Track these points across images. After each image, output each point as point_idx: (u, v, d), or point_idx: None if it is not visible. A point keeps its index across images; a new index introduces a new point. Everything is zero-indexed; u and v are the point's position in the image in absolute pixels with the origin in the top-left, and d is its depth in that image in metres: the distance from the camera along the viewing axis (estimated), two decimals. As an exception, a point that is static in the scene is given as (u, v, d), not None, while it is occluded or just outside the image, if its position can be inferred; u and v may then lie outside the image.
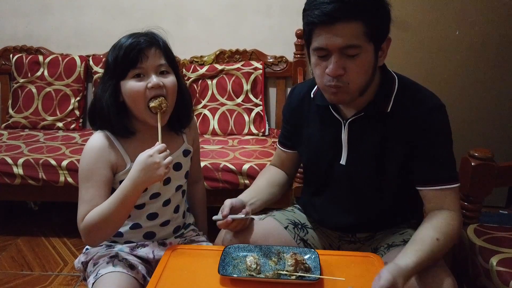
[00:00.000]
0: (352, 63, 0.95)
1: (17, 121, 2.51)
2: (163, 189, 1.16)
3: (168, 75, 1.08)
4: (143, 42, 1.04)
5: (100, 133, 1.11)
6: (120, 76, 1.05)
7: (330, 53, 0.95)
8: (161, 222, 1.19)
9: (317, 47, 0.96)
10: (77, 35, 2.64)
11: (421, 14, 2.33)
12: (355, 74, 0.96)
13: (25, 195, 2.15)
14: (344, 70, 0.95)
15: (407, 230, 1.17)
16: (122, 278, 1.06)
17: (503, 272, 1.09)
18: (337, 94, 1.00)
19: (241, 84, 2.47)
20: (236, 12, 2.56)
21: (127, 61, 1.03)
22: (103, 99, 1.06)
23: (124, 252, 1.15)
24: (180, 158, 1.19)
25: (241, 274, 0.97)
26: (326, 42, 0.93)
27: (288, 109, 1.26)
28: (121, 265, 1.09)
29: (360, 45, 0.93)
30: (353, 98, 1.02)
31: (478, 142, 2.38)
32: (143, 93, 1.04)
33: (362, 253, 1.10)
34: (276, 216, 1.23)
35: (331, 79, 0.97)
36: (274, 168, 1.34)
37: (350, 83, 0.97)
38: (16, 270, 1.93)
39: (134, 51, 1.02)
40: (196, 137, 1.29)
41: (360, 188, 1.14)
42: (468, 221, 1.33)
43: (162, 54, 1.07)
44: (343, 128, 1.11)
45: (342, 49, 0.93)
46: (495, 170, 1.27)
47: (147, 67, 1.04)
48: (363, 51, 0.94)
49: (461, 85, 2.40)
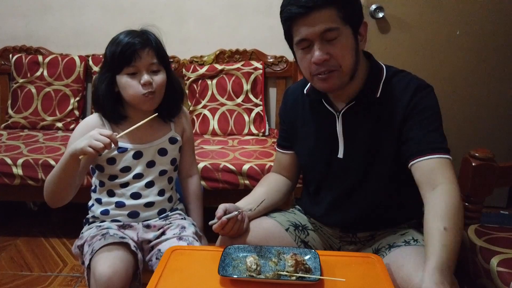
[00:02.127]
0: (334, 47, 1.01)
1: (16, 121, 2.51)
2: (146, 170, 1.27)
3: (158, 73, 1.22)
4: (137, 43, 1.17)
5: (95, 114, 1.28)
6: (116, 71, 1.19)
7: (312, 43, 1.01)
8: (144, 202, 1.28)
9: (299, 40, 1.03)
10: (77, 35, 2.64)
11: (421, 14, 2.33)
12: (341, 56, 1.02)
13: (24, 196, 2.15)
14: (328, 55, 1.01)
15: (408, 230, 1.16)
16: (115, 247, 1.15)
17: (503, 273, 1.09)
18: (327, 80, 1.04)
19: (241, 84, 2.47)
20: (236, 12, 2.55)
21: (122, 59, 1.17)
22: (100, 89, 1.22)
23: (113, 229, 1.24)
24: (165, 144, 1.30)
25: (241, 274, 0.97)
26: (306, 32, 1.01)
27: (283, 110, 1.29)
28: (112, 238, 1.18)
29: (337, 27, 0.99)
30: (344, 82, 1.05)
31: (479, 142, 2.38)
32: (137, 88, 1.19)
33: (363, 254, 1.10)
34: (277, 217, 1.22)
35: (318, 67, 1.02)
36: (273, 175, 1.32)
37: (340, 65, 1.02)
38: (16, 271, 1.93)
39: (129, 51, 1.16)
40: (188, 129, 1.39)
41: (359, 180, 1.14)
42: (469, 221, 1.33)
43: (154, 54, 1.20)
44: (337, 121, 1.13)
45: (322, 35, 1.00)
46: (496, 170, 1.27)
47: (140, 65, 1.18)
48: (341, 34, 1.00)
49: (461, 85, 2.40)
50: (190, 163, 1.42)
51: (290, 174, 1.31)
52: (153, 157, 1.28)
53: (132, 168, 1.26)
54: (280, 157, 1.32)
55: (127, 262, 1.15)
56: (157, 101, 1.24)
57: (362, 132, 1.11)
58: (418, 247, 1.05)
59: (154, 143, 1.28)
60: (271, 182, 1.29)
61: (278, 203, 1.27)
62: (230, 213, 1.07)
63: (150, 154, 1.27)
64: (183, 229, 1.28)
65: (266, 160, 1.99)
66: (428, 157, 1.02)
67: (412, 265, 0.98)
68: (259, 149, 2.16)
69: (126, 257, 1.15)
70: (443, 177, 0.99)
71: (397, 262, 1.03)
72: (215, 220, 1.06)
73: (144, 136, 1.27)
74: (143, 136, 1.27)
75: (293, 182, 1.33)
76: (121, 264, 1.12)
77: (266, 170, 1.90)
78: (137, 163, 1.26)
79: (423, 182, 1.02)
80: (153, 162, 1.28)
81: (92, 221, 1.31)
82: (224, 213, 1.06)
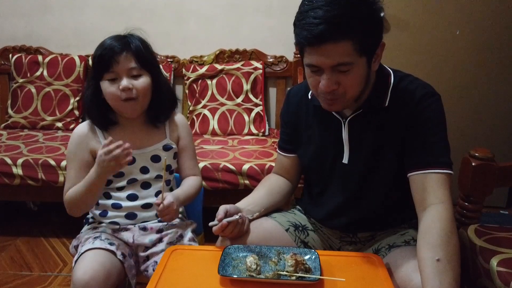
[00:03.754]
0: (345, 77, 0.96)
1: (16, 121, 2.50)
2: (140, 176, 1.26)
3: (139, 78, 1.18)
4: (115, 48, 1.15)
5: (86, 122, 1.27)
6: (98, 77, 1.18)
7: (322, 70, 0.96)
8: (142, 204, 1.26)
9: (309, 64, 0.98)
10: (77, 35, 2.64)
11: (421, 14, 2.33)
12: (349, 87, 0.98)
13: (24, 196, 2.15)
14: (337, 85, 0.97)
15: (408, 230, 1.17)
16: (100, 253, 1.14)
17: (503, 273, 1.09)
18: (332, 105, 1.03)
19: (241, 84, 2.47)
20: (236, 12, 2.55)
21: (101, 65, 1.16)
22: (86, 96, 1.22)
23: (106, 233, 1.24)
24: (158, 151, 1.28)
25: (241, 274, 0.97)
26: (316, 60, 0.95)
27: (286, 113, 1.26)
28: (100, 243, 1.17)
29: (351, 62, 0.94)
30: (348, 105, 1.04)
31: (479, 142, 2.38)
32: (117, 94, 1.16)
33: (363, 254, 1.10)
34: (277, 218, 1.22)
35: (325, 93, 0.99)
36: (274, 176, 1.31)
37: (346, 93, 0.99)
38: (16, 271, 1.93)
39: (107, 56, 1.14)
40: (184, 136, 1.34)
41: (362, 185, 1.13)
42: (469, 221, 1.33)
43: (134, 58, 1.16)
44: (343, 127, 1.11)
45: (334, 67, 0.95)
46: (496, 170, 1.27)
47: (119, 70, 1.15)
48: (355, 66, 0.95)
49: (462, 85, 2.40)
50: (191, 168, 1.37)
51: (292, 176, 1.30)
52: (146, 163, 1.26)
53: (126, 174, 1.24)
54: (281, 159, 1.30)
55: (111, 269, 1.12)
56: (140, 107, 1.20)
57: (368, 138, 1.09)
58: (418, 247, 1.05)
59: (148, 149, 1.27)
60: (272, 183, 1.28)
61: (278, 204, 1.27)
62: (231, 215, 1.07)
63: (143, 160, 1.26)
64: (180, 238, 1.28)
65: (266, 160, 1.99)
66: (424, 171, 1.01)
67: (412, 265, 0.98)
68: (259, 149, 2.16)
69: (110, 264, 1.13)
70: (434, 197, 0.98)
71: (397, 262, 1.03)
72: (215, 222, 1.06)
73: (138, 142, 1.25)
74: (137, 141, 1.25)
75: (294, 184, 1.32)
76: (103, 270, 1.09)
77: (266, 170, 1.90)
78: (131, 168, 1.24)
79: (415, 200, 1.02)
80: (146, 168, 1.26)
81: (92, 221, 1.31)
82: (225, 215, 1.06)
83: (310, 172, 1.25)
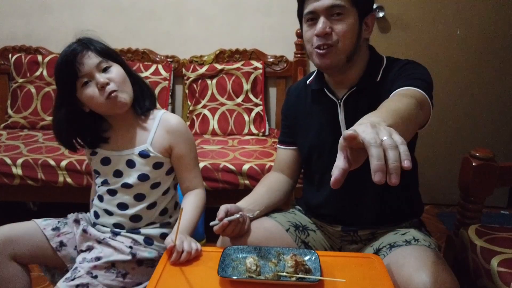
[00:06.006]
0: (337, 23, 1.07)
1: (16, 121, 2.50)
2: (112, 179, 1.20)
3: (111, 69, 1.13)
4: (75, 50, 1.11)
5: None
6: (70, 92, 1.12)
7: (318, 16, 1.07)
8: (104, 208, 1.21)
9: (307, 12, 1.09)
10: (77, 35, 2.63)
11: (422, 14, 2.33)
12: (342, 35, 1.07)
13: (24, 196, 2.14)
14: (330, 30, 1.07)
15: (409, 230, 1.16)
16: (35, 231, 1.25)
17: (504, 273, 1.09)
18: (326, 56, 1.08)
19: (241, 84, 2.46)
20: (236, 11, 2.55)
21: (68, 74, 1.10)
22: (60, 123, 1.15)
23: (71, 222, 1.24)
24: (133, 156, 1.18)
25: (241, 275, 0.96)
26: (314, 5, 1.08)
27: (286, 106, 1.32)
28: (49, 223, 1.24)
29: (343, 5, 1.06)
30: (340, 60, 1.09)
31: (479, 142, 2.38)
32: (97, 94, 1.11)
33: (363, 254, 1.10)
34: (277, 218, 1.22)
35: (320, 39, 1.07)
36: (274, 174, 1.32)
37: (339, 42, 1.07)
38: (15, 271, 1.92)
39: (70, 62, 1.09)
40: (179, 143, 1.20)
41: (361, 172, 1.13)
42: (469, 221, 1.33)
43: (95, 53, 1.13)
44: (339, 108, 1.16)
45: (328, 10, 1.06)
46: (496, 170, 1.27)
47: (88, 70, 1.10)
48: (346, 13, 1.06)
49: (462, 85, 2.40)
50: (189, 180, 1.24)
51: (291, 172, 1.31)
52: (120, 167, 1.18)
53: (102, 173, 1.20)
54: (281, 154, 1.32)
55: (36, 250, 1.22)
56: (126, 96, 1.13)
57: None
58: (419, 247, 1.05)
59: (124, 152, 1.18)
60: (271, 182, 1.29)
61: (279, 203, 1.27)
62: (232, 215, 1.07)
63: (118, 163, 1.18)
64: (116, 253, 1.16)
65: (266, 160, 1.98)
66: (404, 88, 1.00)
67: (412, 265, 0.97)
68: (259, 149, 2.16)
69: (42, 240, 1.22)
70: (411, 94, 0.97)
71: (398, 262, 1.02)
72: (216, 221, 1.06)
73: (119, 142, 1.19)
74: (118, 141, 1.19)
75: (294, 180, 1.33)
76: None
77: (266, 170, 1.90)
78: (105, 169, 1.19)
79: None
80: (119, 172, 1.18)
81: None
82: (226, 215, 1.06)
83: (311, 160, 1.25)
